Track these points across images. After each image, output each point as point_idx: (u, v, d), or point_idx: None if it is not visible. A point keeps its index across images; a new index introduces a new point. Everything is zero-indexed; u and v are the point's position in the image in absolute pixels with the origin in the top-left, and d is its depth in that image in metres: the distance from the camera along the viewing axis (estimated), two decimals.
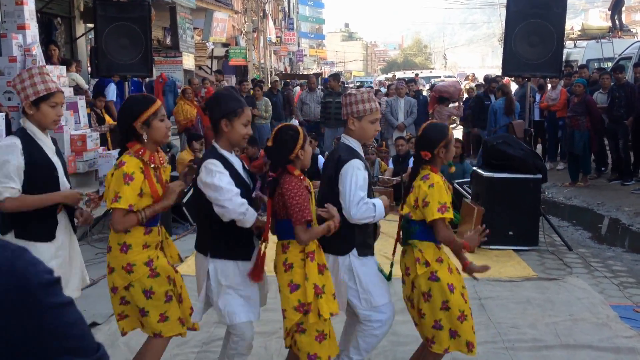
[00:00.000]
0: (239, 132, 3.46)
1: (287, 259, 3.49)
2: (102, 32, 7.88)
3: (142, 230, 3.49)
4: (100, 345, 0.77)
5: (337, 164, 3.62)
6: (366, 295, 3.62)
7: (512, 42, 7.69)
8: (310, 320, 3.41)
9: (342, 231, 3.54)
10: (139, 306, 3.49)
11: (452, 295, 3.55)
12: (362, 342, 3.69)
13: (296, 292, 3.42)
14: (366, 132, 3.72)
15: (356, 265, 3.63)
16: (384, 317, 3.69)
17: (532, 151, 7.58)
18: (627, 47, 14.82)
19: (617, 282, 6.20)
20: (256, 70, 31.16)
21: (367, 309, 3.65)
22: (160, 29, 20.14)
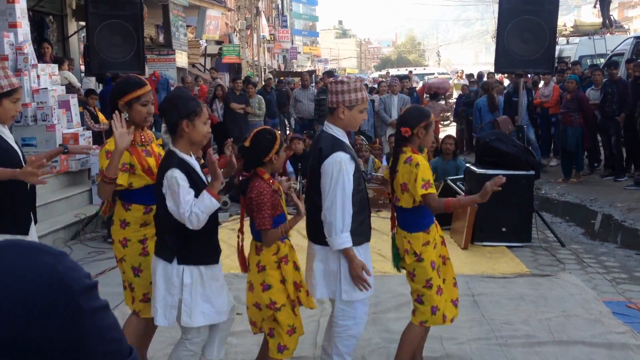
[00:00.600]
0: (201, 132, 3.43)
1: (260, 261, 3.59)
2: (94, 30, 7.85)
3: (142, 209, 3.70)
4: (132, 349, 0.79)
5: (318, 156, 3.57)
6: (348, 286, 3.60)
7: (505, 39, 7.70)
8: (284, 314, 3.57)
9: None
10: (128, 280, 3.74)
11: (433, 272, 3.79)
12: (342, 345, 3.69)
13: (268, 292, 3.55)
14: (355, 121, 3.69)
15: (344, 256, 3.61)
16: (357, 315, 3.68)
17: (524, 147, 7.59)
18: (620, 43, 14.85)
19: (609, 278, 6.22)
20: (250, 67, 31.09)
21: (342, 304, 3.64)
22: (153, 26, 20.08)
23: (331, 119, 3.67)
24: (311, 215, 3.73)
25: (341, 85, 3.60)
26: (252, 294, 3.62)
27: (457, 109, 16.77)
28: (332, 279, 3.65)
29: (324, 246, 3.62)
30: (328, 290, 3.67)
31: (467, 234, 7.11)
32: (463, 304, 5.32)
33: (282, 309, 3.58)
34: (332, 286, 3.65)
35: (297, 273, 3.66)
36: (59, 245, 6.90)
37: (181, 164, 3.34)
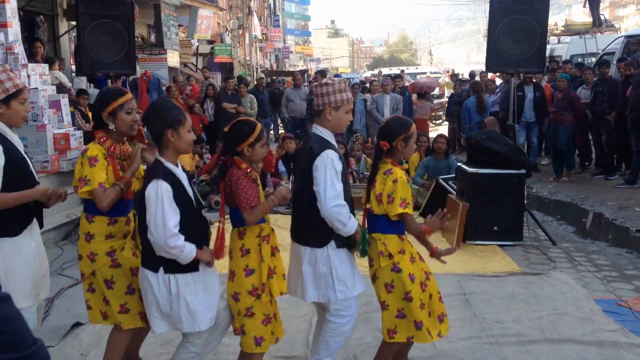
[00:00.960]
0: (186, 140, 3.43)
1: (244, 244, 3.60)
2: (85, 30, 7.82)
3: (106, 221, 3.66)
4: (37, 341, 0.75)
5: (309, 156, 3.59)
6: (342, 286, 3.63)
7: (496, 38, 7.71)
8: (263, 300, 3.58)
9: (319, 223, 3.56)
10: (103, 294, 3.69)
11: (413, 286, 3.72)
12: (331, 341, 3.71)
13: (251, 277, 3.57)
14: (342, 122, 3.72)
15: (334, 257, 3.63)
16: (351, 312, 3.72)
17: (515, 147, 7.61)
18: (610, 42, 14.91)
19: (600, 276, 6.24)
20: (242, 67, 31.05)
21: (338, 303, 3.66)
22: (144, 26, 20.03)
23: (319, 121, 3.72)
24: (299, 217, 3.72)
25: (326, 87, 3.66)
26: (233, 283, 3.62)
27: (449, 108, 16.80)
28: (322, 283, 3.64)
29: (312, 248, 3.62)
30: (318, 294, 3.67)
31: (458, 233, 7.12)
32: (454, 303, 5.35)
33: (262, 296, 3.59)
34: (322, 290, 3.65)
35: (273, 259, 3.65)
36: (50, 245, 6.87)
37: (167, 175, 3.32)
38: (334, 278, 3.61)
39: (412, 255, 3.81)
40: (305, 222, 3.65)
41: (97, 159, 3.55)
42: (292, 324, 4.90)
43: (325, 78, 13.30)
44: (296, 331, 4.78)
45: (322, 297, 3.67)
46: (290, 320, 5.00)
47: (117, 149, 3.71)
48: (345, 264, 3.68)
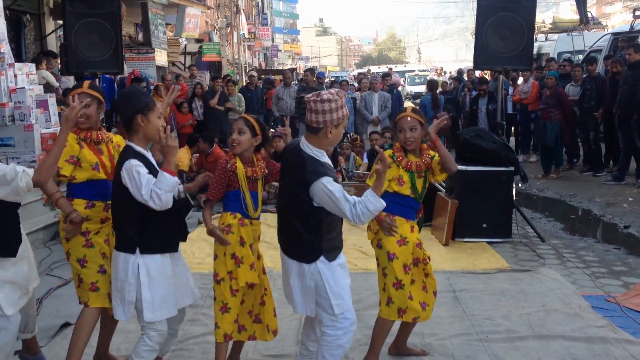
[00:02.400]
0: (156, 125, 3.55)
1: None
2: (72, 29, 7.75)
3: (83, 204, 3.82)
4: None
5: (302, 180, 3.40)
6: (338, 300, 3.51)
7: (484, 36, 7.73)
8: (222, 287, 3.78)
9: (307, 238, 3.47)
10: (77, 274, 3.85)
11: (389, 263, 3.93)
12: (328, 355, 3.56)
13: (215, 262, 3.79)
14: (339, 137, 3.59)
15: (325, 272, 3.50)
16: (347, 324, 3.58)
17: (504, 144, 7.64)
18: (597, 39, 14.99)
19: (589, 273, 6.28)
20: (230, 66, 30.99)
21: (333, 316, 3.53)
22: (131, 25, 19.93)
23: (314, 139, 3.47)
24: (285, 229, 3.63)
25: (328, 104, 3.38)
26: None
27: None
28: (309, 297, 3.55)
29: (299, 262, 3.53)
30: (306, 307, 3.59)
31: (448, 230, 7.14)
32: (444, 300, 5.36)
33: (221, 283, 3.78)
34: (309, 304, 3.57)
35: (241, 248, 3.77)
36: (38, 246, 6.83)
37: (137, 157, 3.46)
38: (328, 293, 3.50)
39: (404, 238, 3.97)
40: (292, 238, 3.56)
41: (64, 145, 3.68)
42: (282, 323, 4.89)
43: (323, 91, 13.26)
44: (286, 329, 4.78)
45: (309, 310, 3.59)
46: (280, 318, 4.97)
47: (92, 134, 3.90)
48: (338, 277, 3.56)
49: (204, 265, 6.19)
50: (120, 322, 3.93)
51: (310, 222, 3.46)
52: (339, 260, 3.61)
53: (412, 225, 4.09)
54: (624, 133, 9.98)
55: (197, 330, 4.77)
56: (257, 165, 3.88)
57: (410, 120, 4.02)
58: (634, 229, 7.93)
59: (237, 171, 3.78)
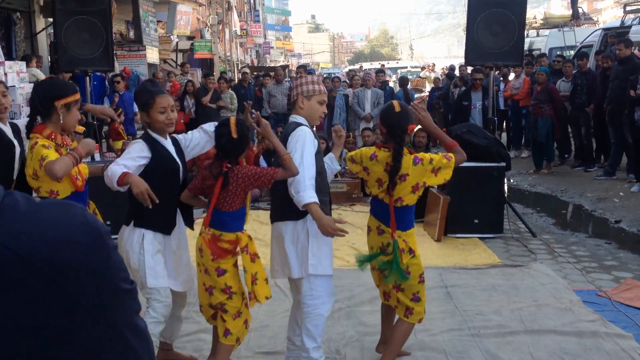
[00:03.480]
0: (158, 120, 3.72)
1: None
2: (62, 27, 7.72)
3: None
4: (133, 280, 1.04)
5: (284, 136, 3.77)
6: (314, 260, 3.67)
7: (475, 32, 7.73)
8: (234, 303, 3.70)
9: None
10: None
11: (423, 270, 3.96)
12: (311, 326, 3.72)
13: (223, 276, 3.67)
14: (315, 111, 3.85)
15: (313, 228, 3.64)
16: (324, 293, 3.74)
17: (495, 140, 7.66)
18: (588, 35, 15.03)
19: (580, 267, 6.31)
20: (222, 63, 30.92)
21: (310, 282, 3.69)
22: (122, 22, 19.86)
23: (295, 111, 3.89)
24: (278, 198, 3.80)
25: (300, 79, 3.93)
26: (208, 276, 3.71)
27: (431, 102, 16.86)
28: (304, 257, 3.69)
29: (293, 221, 3.68)
30: (301, 269, 3.71)
31: (440, 226, 7.16)
32: (436, 296, 5.38)
33: (234, 296, 3.70)
34: (304, 265, 3.69)
35: (253, 265, 3.71)
36: None
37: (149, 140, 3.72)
38: (309, 248, 3.66)
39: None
40: (282, 201, 3.71)
41: (49, 146, 3.67)
42: (274, 320, 4.91)
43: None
44: (278, 326, 4.78)
45: (304, 271, 3.71)
46: (272, 315, 5.00)
47: (57, 137, 3.82)
48: (323, 240, 3.69)
49: None
50: None
51: None
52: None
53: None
54: (615, 128, 10.01)
55: (189, 328, 4.76)
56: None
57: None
58: (625, 224, 7.97)
59: None
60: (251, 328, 4.67)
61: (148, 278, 3.64)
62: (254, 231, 7.11)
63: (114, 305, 1.00)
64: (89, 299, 0.96)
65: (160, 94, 3.77)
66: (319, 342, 3.80)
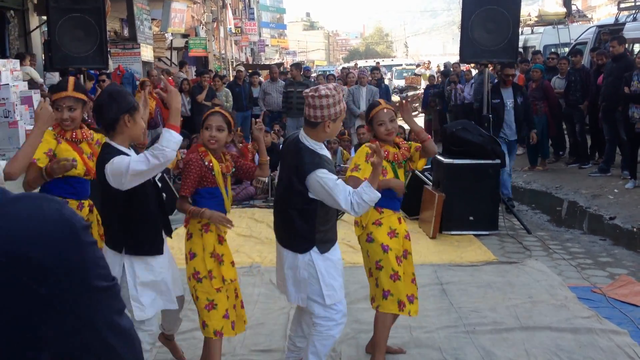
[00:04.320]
0: (141, 126, 3.54)
1: (189, 229, 3.83)
2: (56, 24, 7.68)
3: None
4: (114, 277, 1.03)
5: (299, 169, 3.45)
6: (329, 291, 3.56)
7: (469, 30, 7.73)
8: (204, 285, 3.72)
9: (301, 228, 3.52)
10: None
11: (385, 255, 3.90)
12: (320, 345, 3.62)
13: (193, 260, 3.74)
14: (337, 130, 3.71)
15: (318, 262, 3.54)
16: (339, 315, 3.64)
17: (490, 137, 7.66)
18: (583, 32, 15.05)
19: (575, 264, 6.32)
20: (217, 61, 30.86)
21: (325, 307, 3.58)
22: (117, 20, 19.80)
23: (312, 132, 3.53)
24: (281, 220, 3.69)
25: (326, 99, 3.43)
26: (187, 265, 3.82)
27: (426, 99, 16.87)
28: (302, 287, 3.59)
29: (294, 253, 3.58)
30: (298, 297, 3.63)
31: (435, 223, 7.17)
32: (431, 293, 5.39)
33: (203, 280, 3.73)
34: (302, 294, 3.61)
35: (220, 246, 3.77)
36: None
37: (121, 155, 3.34)
38: (320, 283, 3.55)
39: (393, 229, 3.98)
40: (287, 228, 3.61)
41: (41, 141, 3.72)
42: (270, 317, 4.91)
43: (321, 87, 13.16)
44: (274, 324, 4.78)
45: (301, 300, 3.63)
46: (268, 313, 5.00)
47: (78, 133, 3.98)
48: (331, 267, 3.60)
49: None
50: None
51: (304, 213, 3.51)
52: (333, 255, 3.64)
53: (399, 217, 4.10)
54: (609, 125, 10.03)
55: (184, 326, 4.74)
56: (226, 161, 3.92)
57: (387, 111, 4.03)
58: (620, 220, 7.99)
59: (214, 168, 3.78)
60: (246, 326, 4.67)
61: (135, 311, 3.50)
62: (249, 229, 7.09)
63: (89, 303, 0.96)
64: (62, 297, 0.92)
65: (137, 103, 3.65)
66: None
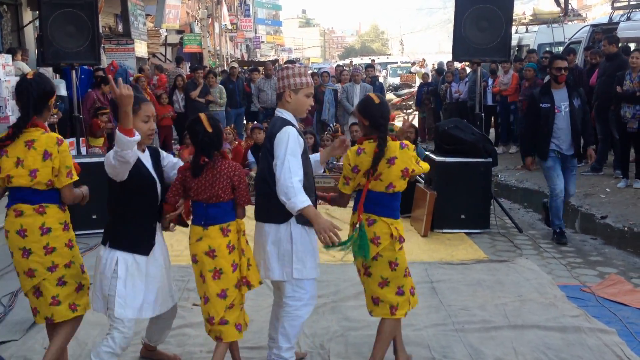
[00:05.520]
0: (141, 129, 3.53)
1: (230, 241, 3.71)
2: (47, 20, 7.63)
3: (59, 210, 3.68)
4: None
5: (270, 135, 3.71)
6: (299, 265, 3.68)
7: (462, 28, 7.72)
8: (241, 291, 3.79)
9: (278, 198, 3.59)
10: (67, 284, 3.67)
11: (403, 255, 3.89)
12: (288, 326, 3.74)
13: (236, 271, 3.73)
14: (302, 105, 3.82)
15: (295, 232, 3.68)
16: (307, 296, 3.77)
17: (482, 135, 7.68)
18: (577, 31, 15.06)
19: (565, 263, 6.34)
20: (212, 57, 30.81)
21: (293, 284, 3.71)
22: (111, 15, 19.75)
23: (281, 104, 3.83)
24: (263, 196, 3.77)
25: (286, 70, 3.78)
26: (220, 281, 3.71)
27: (420, 97, 16.88)
28: (286, 261, 3.69)
29: (276, 224, 3.68)
30: (283, 272, 3.72)
31: (426, 221, 7.17)
32: (421, 291, 5.38)
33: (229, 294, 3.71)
34: (286, 268, 3.70)
35: (249, 249, 3.82)
36: None
37: None
38: (292, 253, 3.67)
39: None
40: (267, 200, 3.71)
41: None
42: (259, 315, 4.90)
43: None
44: (263, 321, 4.76)
45: (286, 275, 3.71)
46: (257, 310, 5.00)
47: None
48: (307, 243, 3.72)
49: (182, 257, 6.17)
50: (95, 314, 3.91)
51: None
52: (312, 234, 3.69)
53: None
54: (602, 124, 10.04)
55: (174, 323, 4.74)
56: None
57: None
58: (611, 220, 7.99)
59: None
60: None
61: (116, 307, 3.51)
62: None
63: None
64: None
65: (145, 102, 3.67)
66: (293, 342, 3.82)
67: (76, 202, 3.70)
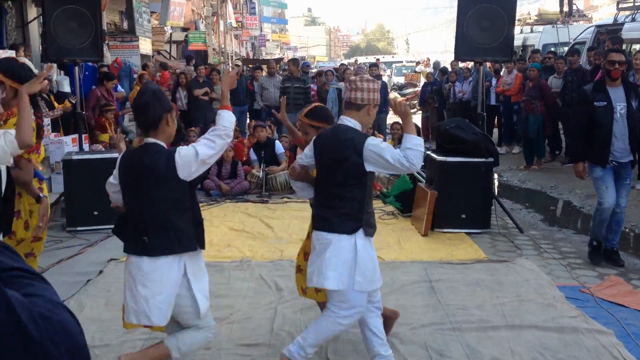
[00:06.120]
0: (175, 126, 3.52)
1: None
2: (50, 16, 7.67)
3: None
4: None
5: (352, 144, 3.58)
6: (361, 278, 3.59)
7: (465, 27, 7.72)
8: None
9: (350, 207, 3.61)
10: None
11: None
12: (325, 326, 3.69)
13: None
14: (372, 120, 3.88)
15: (360, 245, 3.61)
16: (355, 310, 3.68)
17: (484, 135, 7.67)
18: (582, 32, 15.04)
19: (565, 263, 6.32)
20: (216, 55, 30.83)
21: (344, 294, 3.62)
22: (116, 12, 19.78)
23: (356, 115, 3.71)
24: (327, 205, 3.71)
25: (372, 84, 3.70)
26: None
27: (423, 96, 16.86)
28: (346, 270, 3.60)
29: (339, 235, 3.61)
30: (340, 281, 3.60)
31: (427, 220, 7.17)
32: (420, 290, 5.40)
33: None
34: (344, 277, 3.60)
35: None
36: None
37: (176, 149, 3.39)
38: (356, 268, 3.58)
39: None
40: (335, 210, 3.65)
41: None
42: (257, 312, 4.92)
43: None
44: (261, 318, 4.79)
45: (342, 284, 3.61)
46: (255, 308, 5.01)
47: None
48: (370, 256, 3.67)
49: None
50: (94, 310, 3.92)
51: (355, 192, 3.62)
52: (372, 248, 3.72)
53: None
54: None
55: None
56: None
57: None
58: None
59: None
60: (234, 320, 4.70)
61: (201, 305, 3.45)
62: (241, 223, 7.09)
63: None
64: None
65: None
66: (316, 347, 3.76)
67: None
